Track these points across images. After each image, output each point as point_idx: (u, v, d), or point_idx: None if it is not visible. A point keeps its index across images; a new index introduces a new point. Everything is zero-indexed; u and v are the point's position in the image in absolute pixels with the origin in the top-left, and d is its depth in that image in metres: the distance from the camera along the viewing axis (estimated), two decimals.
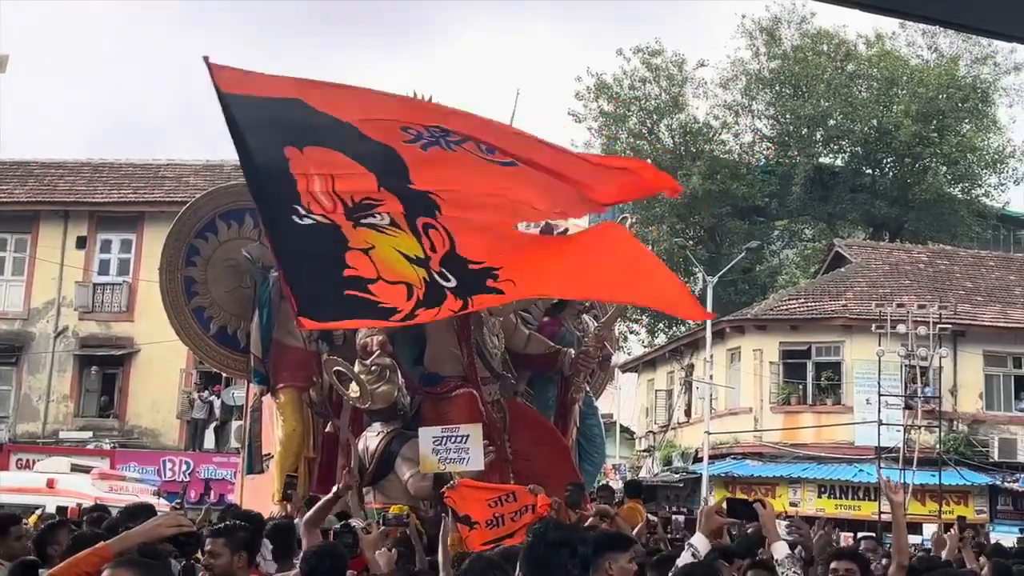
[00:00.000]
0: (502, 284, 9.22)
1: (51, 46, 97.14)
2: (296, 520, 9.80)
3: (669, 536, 12.45)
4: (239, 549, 5.90)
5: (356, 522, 9.35)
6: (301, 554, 5.97)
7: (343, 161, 9.00)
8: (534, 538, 4.40)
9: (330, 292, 9.21)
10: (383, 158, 9.00)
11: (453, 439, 11.74)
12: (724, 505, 5.36)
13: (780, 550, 5.37)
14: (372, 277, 9.07)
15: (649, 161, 11.66)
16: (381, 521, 8.58)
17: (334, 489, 8.69)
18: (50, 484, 21.03)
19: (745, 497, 6.14)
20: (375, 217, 9.05)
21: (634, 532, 10.01)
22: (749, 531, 8.30)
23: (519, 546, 5.25)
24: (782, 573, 5.20)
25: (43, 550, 6.92)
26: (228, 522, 6.64)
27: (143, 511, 8.37)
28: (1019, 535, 26.30)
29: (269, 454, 13.93)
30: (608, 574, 4.77)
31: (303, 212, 8.96)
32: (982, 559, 9.82)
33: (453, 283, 9.08)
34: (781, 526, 7.14)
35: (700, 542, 5.02)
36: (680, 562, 4.96)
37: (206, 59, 8.73)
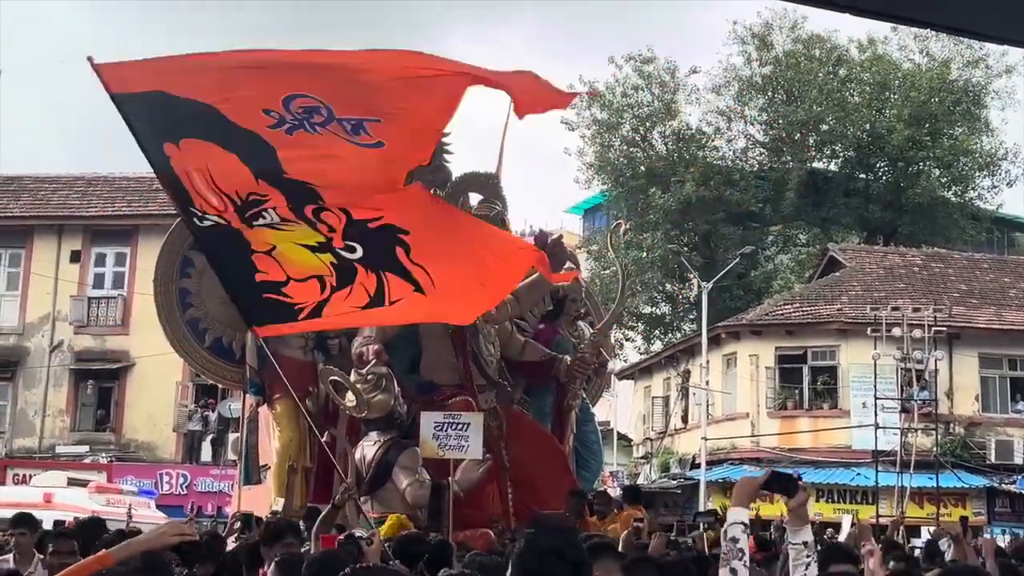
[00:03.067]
0: (414, 258, 8.50)
1: (36, 60, 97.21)
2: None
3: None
4: None
5: (360, 532, 9.33)
6: (305, 562, 5.92)
7: (217, 152, 8.26)
8: (526, 546, 4.34)
9: (254, 298, 8.85)
10: (253, 146, 8.19)
11: (454, 426, 11.70)
12: (766, 478, 5.13)
13: (803, 534, 5.26)
14: (282, 279, 8.63)
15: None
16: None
17: (333, 499, 8.70)
18: (47, 499, 20.94)
19: (788, 473, 5.84)
20: (265, 216, 8.42)
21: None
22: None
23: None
24: (806, 554, 5.07)
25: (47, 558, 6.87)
26: None
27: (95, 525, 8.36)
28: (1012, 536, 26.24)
29: (266, 465, 13.90)
30: None
31: (199, 214, 8.44)
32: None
33: (359, 252, 8.54)
34: None
35: (743, 515, 4.84)
36: (728, 536, 4.72)
37: (90, 60, 8.02)
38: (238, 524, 12.28)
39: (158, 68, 8.34)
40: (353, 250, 8.54)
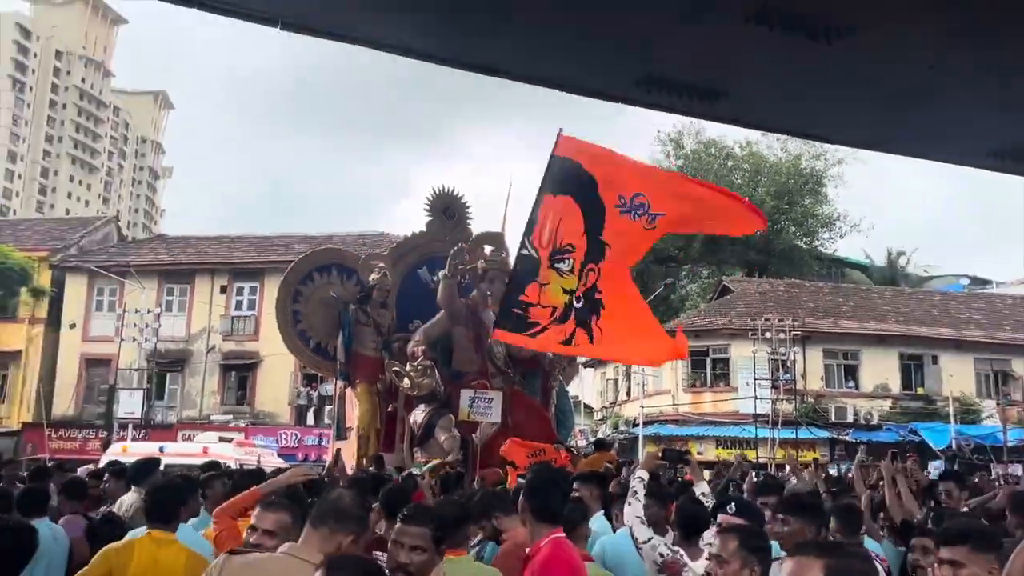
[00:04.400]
0: (599, 322, 8.13)
1: (194, 154, 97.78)
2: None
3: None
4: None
5: (415, 470, 9.30)
6: (381, 491, 5.86)
7: (574, 209, 8.12)
8: (533, 475, 4.38)
9: (508, 309, 8.44)
10: (597, 214, 8.09)
11: (483, 399, 11.72)
12: (660, 452, 5.23)
13: (701, 487, 5.29)
14: (534, 302, 8.23)
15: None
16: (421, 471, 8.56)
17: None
18: (204, 451, 20.79)
19: (678, 448, 5.89)
20: (563, 263, 8.15)
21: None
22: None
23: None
24: (705, 502, 5.09)
25: (204, 492, 6.71)
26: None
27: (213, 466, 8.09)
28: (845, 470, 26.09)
29: (350, 427, 13.87)
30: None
31: (528, 243, 8.25)
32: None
33: (580, 305, 8.14)
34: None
35: (644, 474, 4.92)
36: (631, 484, 4.81)
37: (560, 131, 8.31)
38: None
39: (585, 148, 8.32)
40: (579, 300, 8.22)
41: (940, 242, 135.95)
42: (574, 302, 8.14)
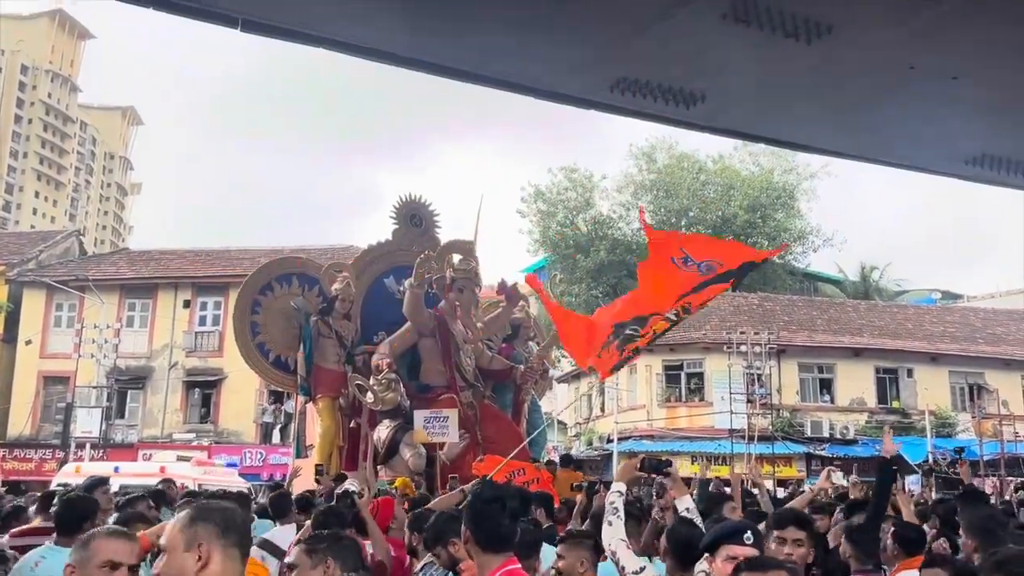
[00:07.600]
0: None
1: (162, 175, 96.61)
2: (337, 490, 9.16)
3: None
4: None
5: (352, 486, 8.64)
6: (313, 512, 5.30)
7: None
8: (473, 496, 3.78)
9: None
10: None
11: (438, 419, 11.23)
12: (639, 463, 4.67)
13: (684, 503, 4.74)
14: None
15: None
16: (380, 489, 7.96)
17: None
18: (162, 470, 20.02)
19: (659, 458, 5.30)
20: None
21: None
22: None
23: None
24: (690, 517, 4.53)
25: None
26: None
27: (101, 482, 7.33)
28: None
29: (311, 444, 13.26)
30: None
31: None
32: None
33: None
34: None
35: (623, 487, 4.37)
36: (608, 500, 4.24)
37: (642, 215, 9.16)
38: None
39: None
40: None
41: (908, 257, 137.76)
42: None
